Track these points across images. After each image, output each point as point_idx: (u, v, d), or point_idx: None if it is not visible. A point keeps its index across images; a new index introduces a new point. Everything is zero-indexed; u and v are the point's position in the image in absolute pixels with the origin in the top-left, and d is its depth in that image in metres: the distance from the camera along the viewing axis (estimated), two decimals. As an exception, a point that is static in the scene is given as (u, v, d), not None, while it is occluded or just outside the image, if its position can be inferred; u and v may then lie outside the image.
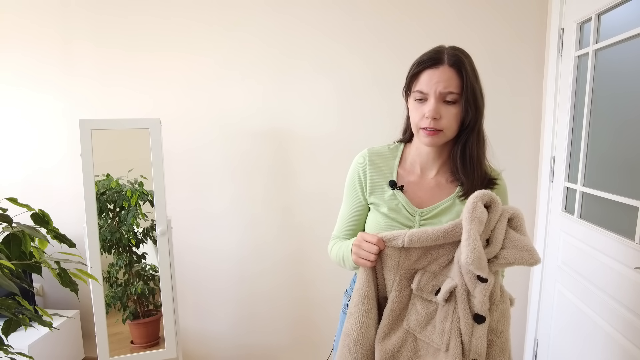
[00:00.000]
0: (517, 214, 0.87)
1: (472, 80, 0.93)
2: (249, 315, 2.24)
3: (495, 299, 0.88)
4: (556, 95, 1.77)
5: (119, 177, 1.96)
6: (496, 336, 0.89)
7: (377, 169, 1.06)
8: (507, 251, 0.84)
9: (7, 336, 1.08)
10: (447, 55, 0.93)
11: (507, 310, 0.90)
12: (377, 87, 1.96)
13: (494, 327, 0.89)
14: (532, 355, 1.97)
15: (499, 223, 0.85)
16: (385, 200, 1.03)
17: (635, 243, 1.25)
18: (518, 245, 0.84)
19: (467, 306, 0.87)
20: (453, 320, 0.88)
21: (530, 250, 0.83)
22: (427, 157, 1.04)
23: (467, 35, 1.87)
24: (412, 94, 0.97)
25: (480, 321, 0.86)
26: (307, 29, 1.96)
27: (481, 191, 0.86)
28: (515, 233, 0.86)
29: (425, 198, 1.03)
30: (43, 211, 1.16)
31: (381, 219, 1.02)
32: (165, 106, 2.07)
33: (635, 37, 1.30)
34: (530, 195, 1.96)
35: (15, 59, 2.12)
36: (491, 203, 0.86)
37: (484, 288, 0.84)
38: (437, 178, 1.05)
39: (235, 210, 2.15)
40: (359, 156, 1.10)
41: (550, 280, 1.82)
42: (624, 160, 1.37)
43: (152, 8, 2.02)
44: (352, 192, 1.09)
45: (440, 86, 0.92)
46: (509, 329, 0.91)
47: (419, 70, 0.95)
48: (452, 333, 0.87)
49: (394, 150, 1.09)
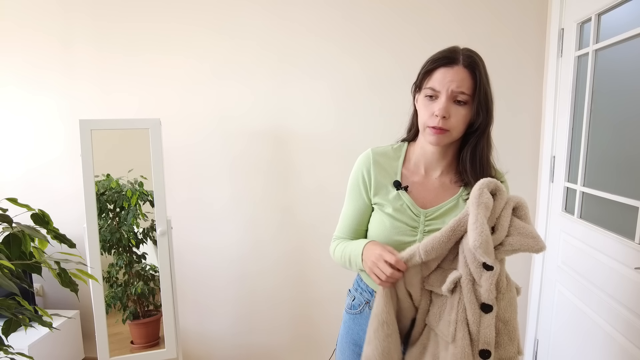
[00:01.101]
0: (521, 202, 0.88)
1: (484, 83, 0.94)
2: (249, 315, 2.24)
3: (502, 287, 0.89)
4: (556, 95, 1.77)
5: (119, 177, 1.95)
6: (504, 325, 0.89)
7: (382, 169, 1.06)
8: (512, 238, 0.85)
9: (7, 336, 1.08)
10: (463, 56, 0.93)
11: (513, 298, 0.91)
12: (376, 87, 1.96)
13: (501, 315, 0.89)
14: (532, 355, 1.97)
15: (504, 211, 0.86)
16: (389, 200, 1.03)
17: (635, 243, 1.25)
18: (523, 232, 0.85)
19: (474, 295, 0.87)
20: (459, 311, 0.88)
21: (535, 237, 0.84)
22: (432, 157, 1.04)
23: (467, 35, 1.87)
24: (423, 90, 0.97)
25: (488, 310, 0.86)
26: (306, 28, 1.96)
27: (487, 179, 0.87)
28: (520, 221, 0.87)
29: (429, 198, 1.03)
30: (43, 211, 1.15)
31: (386, 219, 1.02)
32: (165, 106, 2.07)
33: (635, 37, 1.30)
34: (530, 195, 1.96)
35: (15, 60, 2.12)
36: (496, 191, 0.87)
37: (491, 276, 0.85)
38: (441, 178, 1.05)
39: (235, 210, 2.15)
40: (362, 156, 1.09)
41: (550, 280, 1.82)
42: (624, 160, 1.37)
43: (152, 8, 2.02)
44: (356, 192, 1.08)
45: (453, 85, 0.92)
46: (516, 318, 0.91)
47: (433, 67, 0.95)
48: (458, 324, 0.87)
49: (398, 150, 1.09)
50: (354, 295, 1.16)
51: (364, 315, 1.10)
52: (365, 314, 1.10)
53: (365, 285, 1.12)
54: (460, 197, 1.01)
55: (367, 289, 1.11)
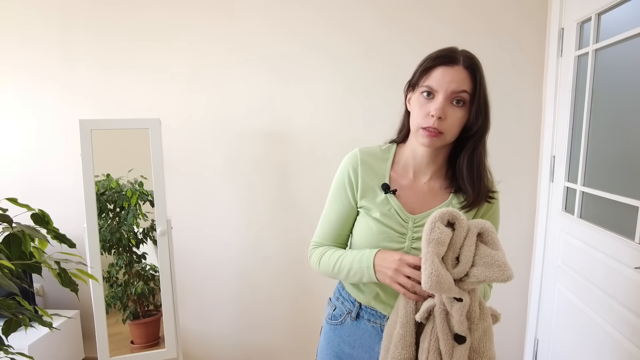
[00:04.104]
0: (486, 227, 0.83)
1: (484, 86, 0.91)
2: (249, 315, 2.24)
3: (475, 317, 0.84)
4: (556, 95, 1.77)
5: (119, 177, 1.95)
6: (479, 356, 0.86)
7: (369, 170, 1.00)
8: (477, 269, 0.80)
9: (7, 336, 1.08)
10: (463, 57, 0.90)
11: (488, 328, 0.87)
12: (377, 87, 1.96)
13: (475, 346, 0.86)
14: (532, 355, 1.97)
15: (466, 240, 0.82)
16: (377, 204, 0.97)
17: (635, 243, 1.25)
18: (489, 262, 0.80)
19: (447, 326, 0.84)
20: (431, 340, 0.85)
21: (501, 265, 0.79)
22: (422, 160, 0.99)
23: (467, 34, 1.87)
24: (418, 88, 0.92)
25: (461, 341, 0.83)
26: (308, 29, 1.96)
27: (440, 210, 0.82)
28: (487, 248, 0.81)
29: (417, 204, 0.98)
30: (43, 211, 1.15)
31: (373, 224, 0.96)
32: (165, 106, 2.07)
33: (635, 36, 1.30)
34: (530, 195, 1.96)
35: (14, 59, 2.12)
36: (454, 220, 0.82)
37: (461, 307, 0.81)
38: (430, 183, 1.00)
39: (235, 210, 2.15)
40: (349, 155, 1.03)
41: (550, 280, 1.82)
42: (624, 160, 1.37)
43: (152, 8, 2.02)
44: (341, 193, 1.02)
45: (453, 85, 0.88)
46: (492, 347, 0.87)
47: (432, 65, 0.90)
48: (430, 353, 0.85)
49: (386, 151, 1.04)
50: (335, 305, 1.11)
51: (345, 326, 1.06)
52: (346, 325, 1.06)
53: (347, 295, 1.07)
54: (450, 204, 0.97)
55: (349, 299, 1.06)
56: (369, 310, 1.03)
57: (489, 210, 1.00)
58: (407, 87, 0.99)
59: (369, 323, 1.03)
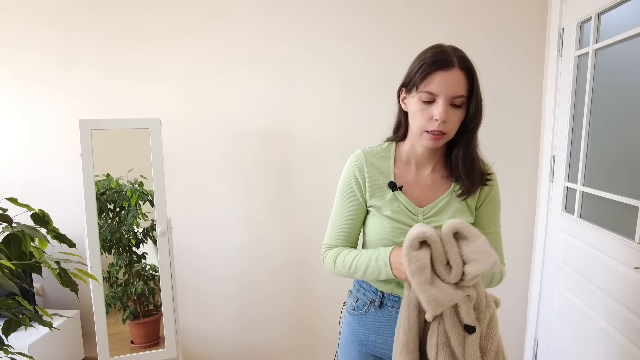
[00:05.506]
0: (456, 225, 0.86)
1: (478, 84, 0.95)
2: (249, 315, 2.24)
3: (482, 306, 0.90)
4: (556, 95, 1.77)
5: (119, 177, 1.96)
6: (489, 342, 0.91)
7: (375, 169, 1.05)
8: (469, 266, 0.84)
9: (7, 336, 1.08)
10: (457, 58, 0.93)
11: (494, 314, 0.92)
12: (377, 87, 1.96)
13: (484, 333, 0.90)
14: (532, 354, 1.97)
15: (446, 247, 0.86)
16: (386, 202, 1.02)
17: (635, 243, 1.25)
18: (474, 257, 0.84)
19: (456, 318, 0.88)
20: (439, 335, 0.89)
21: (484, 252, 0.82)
22: (423, 156, 1.04)
23: (467, 34, 1.86)
24: (418, 93, 0.95)
25: (471, 331, 0.88)
26: (308, 29, 1.96)
27: (407, 239, 0.86)
28: (468, 243, 0.85)
29: (423, 196, 1.03)
30: (43, 211, 1.16)
31: (386, 222, 1.01)
32: (165, 106, 2.07)
33: (635, 36, 1.30)
34: (530, 195, 1.96)
35: (15, 60, 2.12)
36: (424, 239, 0.85)
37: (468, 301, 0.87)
38: (432, 175, 1.05)
39: (235, 210, 2.15)
40: (353, 157, 1.07)
41: (550, 280, 1.82)
42: (624, 159, 1.37)
43: (152, 9, 2.02)
44: (349, 195, 1.06)
45: (452, 90, 0.92)
46: (498, 331, 0.93)
47: (430, 71, 0.93)
48: (439, 347, 0.88)
49: (387, 150, 1.08)
50: (357, 296, 1.14)
51: (370, 315, 1.10)
52: (370, 314, 1.09)
53: (368, 286, 1.11)
54: (453, 192, 1.03)
55: (371, 289, 1.10)
56: (392, 298, 1.07)
57: (489, 194, 1.06)
58: (401, 89, 1.02)
59: (393, 309, 1.06)
